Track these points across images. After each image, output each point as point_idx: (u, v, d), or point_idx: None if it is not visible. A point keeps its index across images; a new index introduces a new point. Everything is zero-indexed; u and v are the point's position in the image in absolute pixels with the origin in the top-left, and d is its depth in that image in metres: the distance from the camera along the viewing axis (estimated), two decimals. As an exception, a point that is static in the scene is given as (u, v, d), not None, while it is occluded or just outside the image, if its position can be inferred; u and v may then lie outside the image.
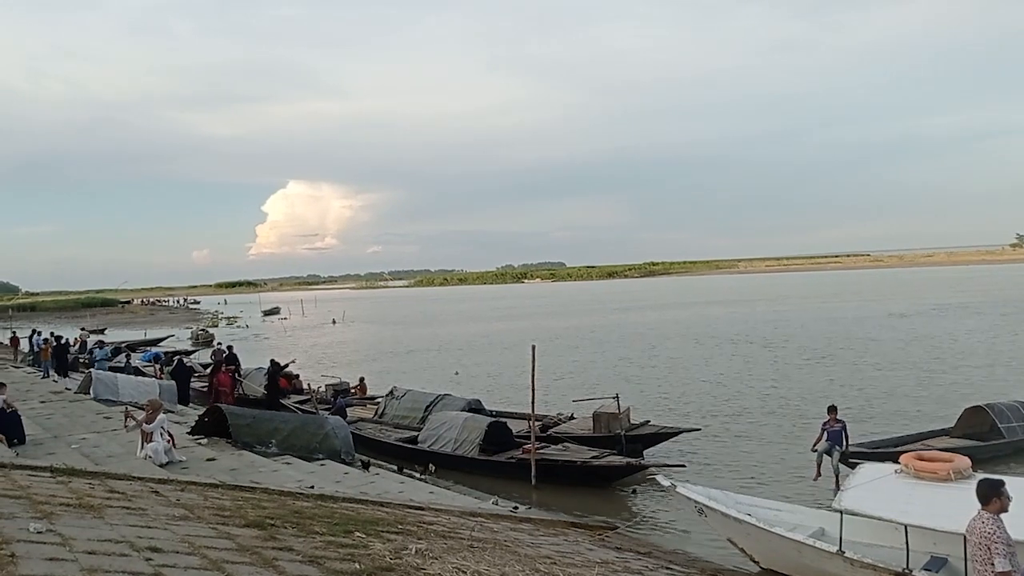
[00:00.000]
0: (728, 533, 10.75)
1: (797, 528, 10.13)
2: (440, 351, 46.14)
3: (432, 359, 42.04)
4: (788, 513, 10.89)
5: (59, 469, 8.45)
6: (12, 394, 14.75)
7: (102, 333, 64.34)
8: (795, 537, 9.65)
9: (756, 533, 10.14)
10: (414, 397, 21.51)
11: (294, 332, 69.62)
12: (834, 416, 14.69)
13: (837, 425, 14.56)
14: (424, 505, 10.32)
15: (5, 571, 4.24)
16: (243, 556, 5.55)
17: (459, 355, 43.02)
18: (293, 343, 56.52)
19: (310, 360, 41.41)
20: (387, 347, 50.62)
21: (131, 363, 32.33)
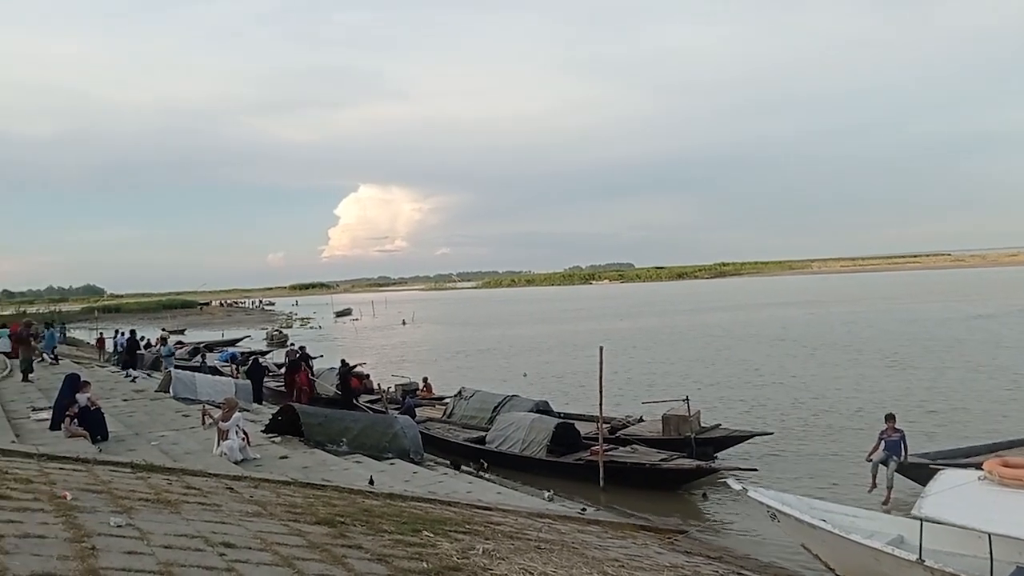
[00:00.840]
0: (802, 539, 10.50)
1: (874, 535, 9.83)
2: (508, 352, 46.23)
3: (500, 360, 42.14)
4: (865, 520, 10.58)
5: (139, 465, 8.72)
6: (96, 392, 15.27)
7: (182, 334, 66.30)
8: (873, 545, 9.36)
9: (832, 540, 9.87)
10: (482, 398, 21.59)
11: (365, 333, 70.66)
12: (892, 425, 14.15)
13: (895, 435, 14.02)
14: (491, 505, 10.34)
15: (86, 564, 4.37)
16: (313, 553, 5.64)
17: (527, 356, 43.04)
18: (364, 344, 57.35)
19: (380, 360, 41.98)
20: (455, 348, 50.95)
21: (207, 363, 33.30)
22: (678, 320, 65.92)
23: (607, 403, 17.09)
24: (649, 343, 46.95)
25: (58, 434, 12.34)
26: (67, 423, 12.54)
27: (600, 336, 41.40)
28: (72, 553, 4.57)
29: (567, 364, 37.92)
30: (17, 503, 5.75)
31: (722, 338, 47.46)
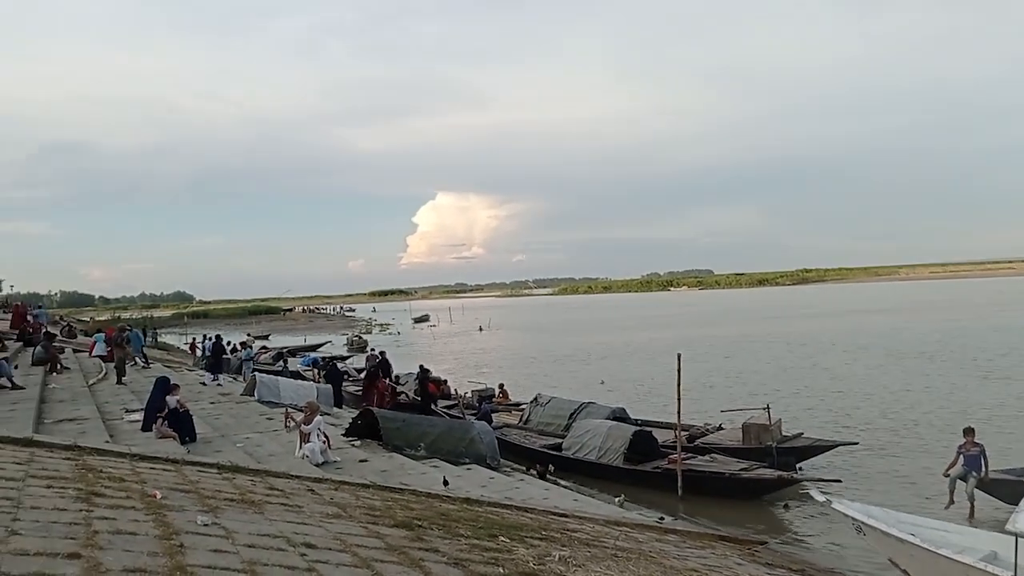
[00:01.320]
0: (889, 553, 10.15)
1: (966, 551, 9.43)
2: (584, 359, 46.08)
3: (576, 367, 42.03)
4: (956, 534, 10.17)
5: (225, 466, 8.96)
6: (185, 395, 15.77)
7: (267, 339, 68.08)
8: (965, 560, 8.99)
9: (922, 555, 9.52)
10: (558, 404, 21.57)
11: (442, 339, 71.37)
12: (971, 439, 13.56)
13: (974, 449, 13.44)
14: (568, 512, 10.30)
15: (174, 560, 4.51)
16: (391, 555, 5.70)
17: (603, 363, 42.83)
18: (441, 350, 57.92)
19: (457, 366, 42.33)
20: (532, 354, 51.03)
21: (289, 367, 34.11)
22: (759, 327, 64.68)
23: (685, 411, 16.87)
24: (729, 351, 46.19)
25: (149, 435, 12.80)
26: (158, 424, 13.00)
27: (678, 343, 40.89)
28: (161, 550, 4.71)
29: (644, 371, 37.60)
30: (111, 500, 5.97)
31: (805, 346, 46.38)
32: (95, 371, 24.36)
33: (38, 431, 10.51)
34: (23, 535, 4.56)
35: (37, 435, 9.11)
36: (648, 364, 40.63)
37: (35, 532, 4.67)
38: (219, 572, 4.46)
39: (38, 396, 15.71)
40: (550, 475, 15.71)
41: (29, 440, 8.30)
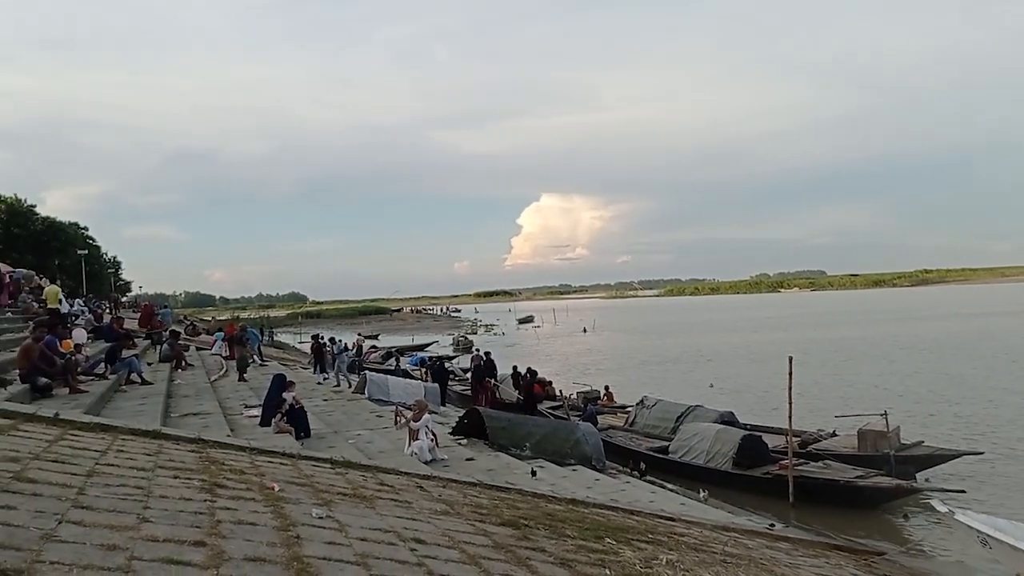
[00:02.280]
0: (1017, 568, 9.61)
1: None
2: (691, 362, 45.34)
3: (683, 369, 41.40)
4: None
5: (337, 461, 9.21)
6: (300, 392, 16.31)
7: (376, 339, 69.67)
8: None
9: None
10: (665, 407, 21.30)
11: (546, 340, 71.47)
12: None
13: None
14: (675, 516, 10.16)
15: (291, 551, 4.67)
16: (498, 553, 5.75)
17: (711, 366, 42.02)
18: (546, 351, 58.00)
19: (562, 368, 42.31)
20: (637, 356, 50.54)
21: (400, 366, 34.84)
22: (876, 330, 62.20)
23: (797, 416, 16.39)
24: (843, 354, 44.59)
25: (267, 430, 13.28)
26: (276, 420, 13.50)
27: (790, 346, 39.76)
28: (279, 540, 4.89)
29: (753, 375, 36.70)
30: (232, 492, 6.23)
31: (925, 350, 44.31)
32: (216, 368, 25.49)
33: (165, 424, 11.06)
34: (153, 523, 4.82)
35: (164, 428, 9.58)
36: (758, 367, 39.64)
37: (164, 520, 4.93)
38: (333, 564, 4.60)
39: (165, 391, 16.53)
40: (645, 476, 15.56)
41: (157, 433, 8.75)
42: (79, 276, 68.60)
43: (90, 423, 8.44)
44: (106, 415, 11.02)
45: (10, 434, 7.08)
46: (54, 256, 72.27)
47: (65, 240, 78.27)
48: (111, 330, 21.40)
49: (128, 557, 4.02)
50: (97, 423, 8.46)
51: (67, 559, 3.79)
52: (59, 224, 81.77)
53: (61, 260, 72.60)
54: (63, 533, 4.25)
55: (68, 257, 73.13)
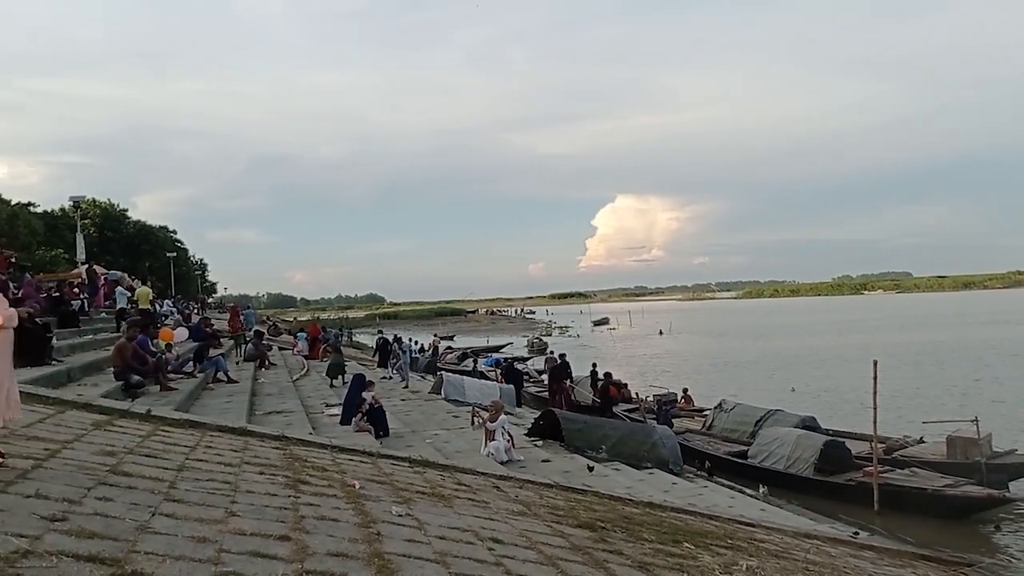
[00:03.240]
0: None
1: None
2: (770, 365, 44.43)
3: (762, 373, 40.60)
4: None
5: (416, 460, 9.35)
6: (378, 392, 16.59)
7: (451, 340, 70.27)
8: None
9: None
10: (743, 411, 20.93)
11: (622, 342, 71.00)
12: None
13: None
14: (755, 522, 9.99)
15: (372, 547, 4.76)
16: (575, 555, 5.75)
17: (791, 370, 41.10)
18: (621, 353, 57.64)
19: (637, 370, 41.97)
20: (714, 359, 49.80)
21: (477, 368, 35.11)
22: (966, 333, 59.88)
23: (882, 421, 15.91)
24: (931, 357, 43.11)
25: (347, 428, 13.55)
26: (356, 419, 13.76)
27: (874, 349, 38.58)
28: (360, 537, 4.99)
29: (836, 379, 35.76)
30: (315, 488, 6.38)
31: (1020, 355, 42.46)
32: (298, 367, 26.12)
33: (250, 422, 11.39)
34: (240, 516, 4.97)
35: (250, 425, 9.88)
36: (840, 371, 38.61)
37: (250, 514, 5.08)
38: (413, 561, 4.67)
39: (250, 390, 17.03)
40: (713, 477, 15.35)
41: (244, 430, 9.02)
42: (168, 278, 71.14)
43: (180, 419, 8.75)
44: (195, 412, 11.42)
45: (106, 429, 7.40)
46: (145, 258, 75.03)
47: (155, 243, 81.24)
48: (199, 330, 22.12)
49: (217, 549, 4.16)
50: (187, 419, 8.77)
51: (160, 550, 3.94)
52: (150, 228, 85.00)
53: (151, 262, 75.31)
54: (156, 525, 4.42)
55: (158, 259, 75.80)
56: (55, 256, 53.61)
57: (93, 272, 28.36)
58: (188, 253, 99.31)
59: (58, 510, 4.29)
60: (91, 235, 61.69)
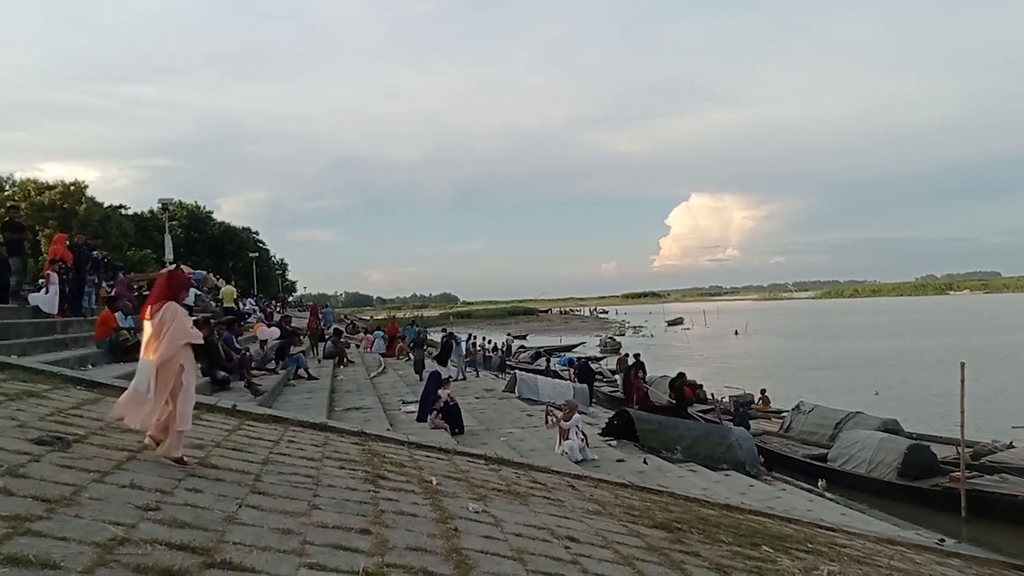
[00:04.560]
0: None
1: None
2: (850, 367, 43.26)
3: (842, 375, 39.58)
4: None
5: (491, 458, 9.42)
6: (453, 389, 16.74)
7: (524, 339, 70.43)
8: None
9: None
10: (822, 413, 20.47)
11: (696, 342, 70.09)
12: None
13: None
14: (835, 526, 9.77)
15: (450, 543, 4.83)
16: (651, 555, 5.73)
17: (872, 372, 39.93)
18: (696, 353, 56.90)
19: (712, 371, 41.36)
20: (792, 360, 48.75)
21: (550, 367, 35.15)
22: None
23: (970, 426, 15.36)
24: (1021, 361, 41.34)
25: (423, 425, 13.73)
26: (432, 416, 13.93)
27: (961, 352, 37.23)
28: (438, 532, 5.07)
29: (920, 382, 34.67)
30: (393, 484, 6.50)
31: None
32: (375, 365, 26.56)
33: (330, 417, 11.63)
34: (322, 510, 5.10)
35: (330, 421, 10.10)
36: (925, 374, 37.38)
37: (332, 508, 5.21)
38: (490, 557, 4.72)
39: (329, 386, 17.39)
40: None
41: (324, 425, 9.23)
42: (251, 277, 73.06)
43: (264, 415, 9.00)
44: (277, 407, 11.73)
45: (195, 423, 7.65)
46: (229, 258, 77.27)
47: (238, 243, 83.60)
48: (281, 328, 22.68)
49: (301, 541, 4.29)
50: (270, 415, 9.02)
51: (247, 540, 4.08)
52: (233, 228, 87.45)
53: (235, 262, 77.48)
54: (243, 516, 4.57)
55: (241, 259, 77.97)
56: (144, 256, 55.69)
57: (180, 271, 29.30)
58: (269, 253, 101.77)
59: (151, 500, 4.48)
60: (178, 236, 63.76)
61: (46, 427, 5.91)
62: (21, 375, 8.15)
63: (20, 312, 13.73)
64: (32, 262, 21.47)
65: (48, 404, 7.00)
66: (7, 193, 52.13)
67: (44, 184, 55.57)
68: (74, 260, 15.65)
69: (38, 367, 8.79)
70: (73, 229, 34.88)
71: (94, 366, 11.47)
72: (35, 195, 52.97)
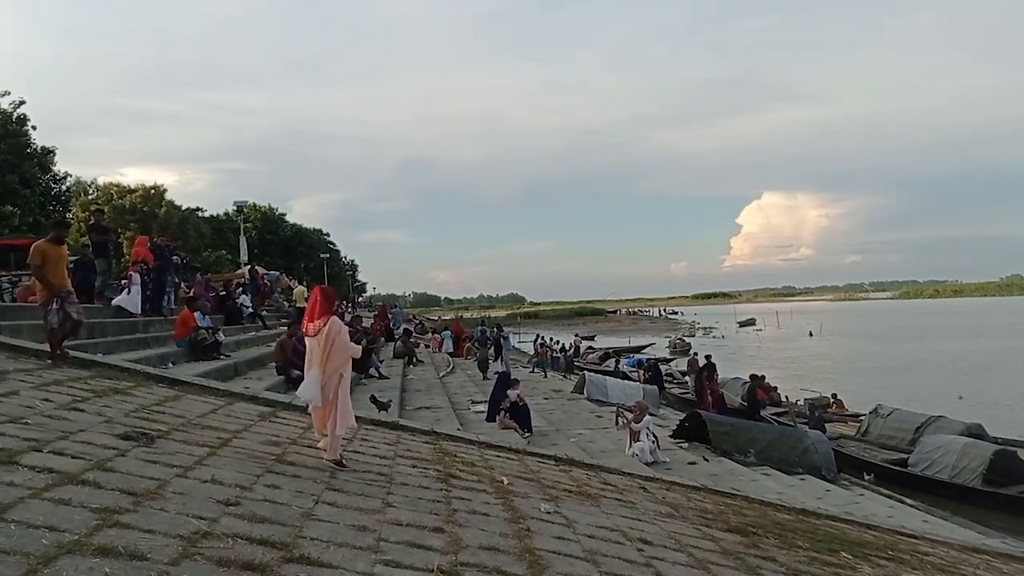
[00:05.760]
0: None
1: None
2: (930, 369, 41.88)
3: (921, 378, 38.33)
4: None
5: (561, 459, 9.40)
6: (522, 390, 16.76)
7: (592, 339, 70.05)
8: None
9: None
10: (902, 417, 19.85)
11: (769, 344, 68.78)
12: None
13: None
14: (917, 534, 9.47)
15: (523, 543, 4.83)
16: (727, 559, 5.63)
17: (953, 375, 38.60)
18: (768, 355, 55.85)
19: (786, 373, 40.51)
20: (869, 362, 47.42)
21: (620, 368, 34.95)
22: None
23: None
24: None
25: (492, 425, 13.77)
26: (501, 416, 13.97)
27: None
28: (511, 532, 5.07)
29: (1007, 385, 33.37)
30: (465, 483, 6.53)
31: None
32: (444, 365, 26.76)
33: (401, 416, 11.76)
34: (396, 507, 5.16)
35: (401, 420, 10.21)
36: (1011, 377, 35.99)
37: (405, 505, 5.26)
38: (563, 558, 4.71)
39: (399, 385, 17.58)
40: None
41: (396, 424, 9.34)
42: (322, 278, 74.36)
43: (337, 413, 9.13)
44: (349, 406, 11.89)
45: (271, 420, 7.83)
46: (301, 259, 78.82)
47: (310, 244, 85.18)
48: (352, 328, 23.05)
49: (376, 538, 4.34)
50: (343, 413, 9.14)
51: (324, 536, 4.14)
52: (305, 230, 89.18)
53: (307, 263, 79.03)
54: (320, 512, 4.65)
55: (312, 260, 79.45)
56: (220, 257, 57.25)
57: (255, 272, 30.00)
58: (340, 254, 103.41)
59: (231, 495, 4.58)
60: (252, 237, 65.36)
61: (131, 423, 6.10)
62: (107, 372, 8.44)
63: (104, 312, 14.22)
64: (115, 263, 22.20)
65: (132, 401, 7.23)
66: (91, 197, 54.15)
67: (126, 188, 57.55)
68: (155, 261, 16.14)
69: (123, 365, 9.09)
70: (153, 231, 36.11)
71: (175, 364, 11.82)
72: (117, 198, 54.91)
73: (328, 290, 6.62)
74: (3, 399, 6.24)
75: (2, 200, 30.73)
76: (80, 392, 7.11)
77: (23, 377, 7.33)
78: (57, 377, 7.62)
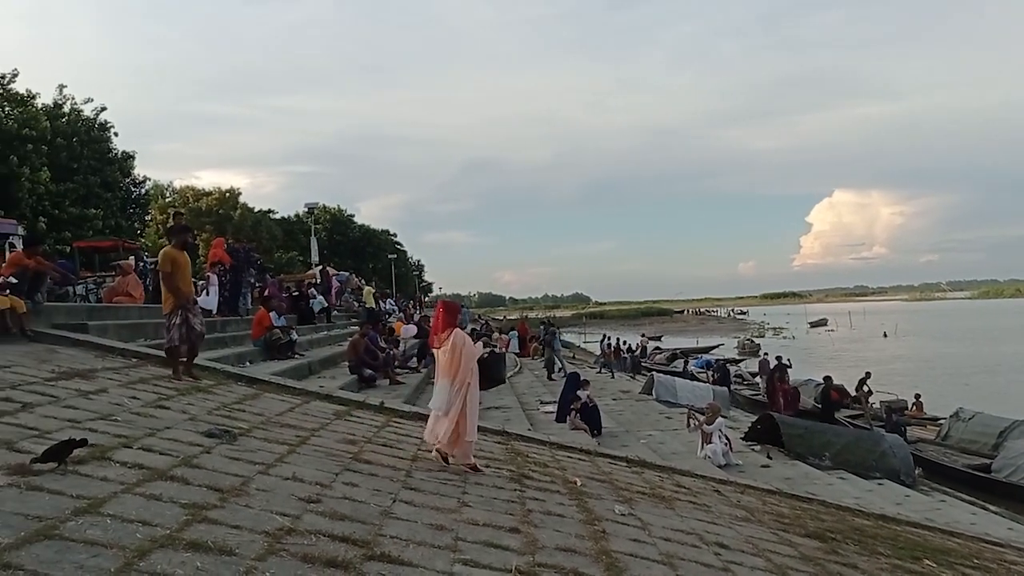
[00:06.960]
0: None
1: None
2: (1015, 372, 40.33)
3: (1005, 380, 36.97)
4: None
5: (633, 460, 9.34)
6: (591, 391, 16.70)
7: (659, 340, 69.33)
8: None
9: None
10: (984, 421, 19.17)
11: (841, 344, 67.14)
12: None
13: None
14: (1004, 542, 9.15)
15: (599, 545, 4.82)
16: (806, 565, 5.53)
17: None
18: (841, 356, 54.54)
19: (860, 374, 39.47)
20: (947, 364, 45.93)
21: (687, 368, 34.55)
22: None
23: None
24: None
25: (562, 426, 13.76)
26: (571, 416, 13.94)
27: None
28: (586, 533, 5.06)
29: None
30: (537, 484, 6.54)
31: None
32: (511, 365, 26.81)
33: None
34: (472, 507, 5.19)
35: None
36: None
37: (480, 505, 5.29)
38: (640, 561, 4.68)
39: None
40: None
41: (467, 424, 9.37)
42: (389, 278, 75.28)
43: (409, 412, 9.25)
44: (420, 405, 11.96)
45: (346, 419, 7.96)
46: (369, 260, 79.81)
47: (377, 245, 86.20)
48: (419, 327, 23.25)
49: (454, 538, 4.38)
50: (415, 412, 9.25)
51: (402, 535, 4.19)
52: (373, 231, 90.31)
53: (374, 264, 79.97)
54: (397, 511, 4.71)
55: (380, 261, 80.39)
56: (291, 258, 58.36)
57: (326, 273, 30.51)
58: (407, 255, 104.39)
59: (312, 493, 4.67)
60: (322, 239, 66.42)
61: (214, 420, 6.28)
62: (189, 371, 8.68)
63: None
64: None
65: (214, 399, 7.44)
66: (168, 200, 55.78)
67: (201, 191, 59.08)
68: (232, 263, 16.54)
69: (203, 364, 9.34)
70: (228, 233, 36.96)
71: (252, 363, 12.10)
72: (193, 201, 56.42)
73: (451, 304, 6.88)
74: (93, 396, 6.49)
75: (86, 203, 31.75)
76: (165, 390, 7.34)
77: (111, 375, 7.61)
78: (143, 376, 7.88)
